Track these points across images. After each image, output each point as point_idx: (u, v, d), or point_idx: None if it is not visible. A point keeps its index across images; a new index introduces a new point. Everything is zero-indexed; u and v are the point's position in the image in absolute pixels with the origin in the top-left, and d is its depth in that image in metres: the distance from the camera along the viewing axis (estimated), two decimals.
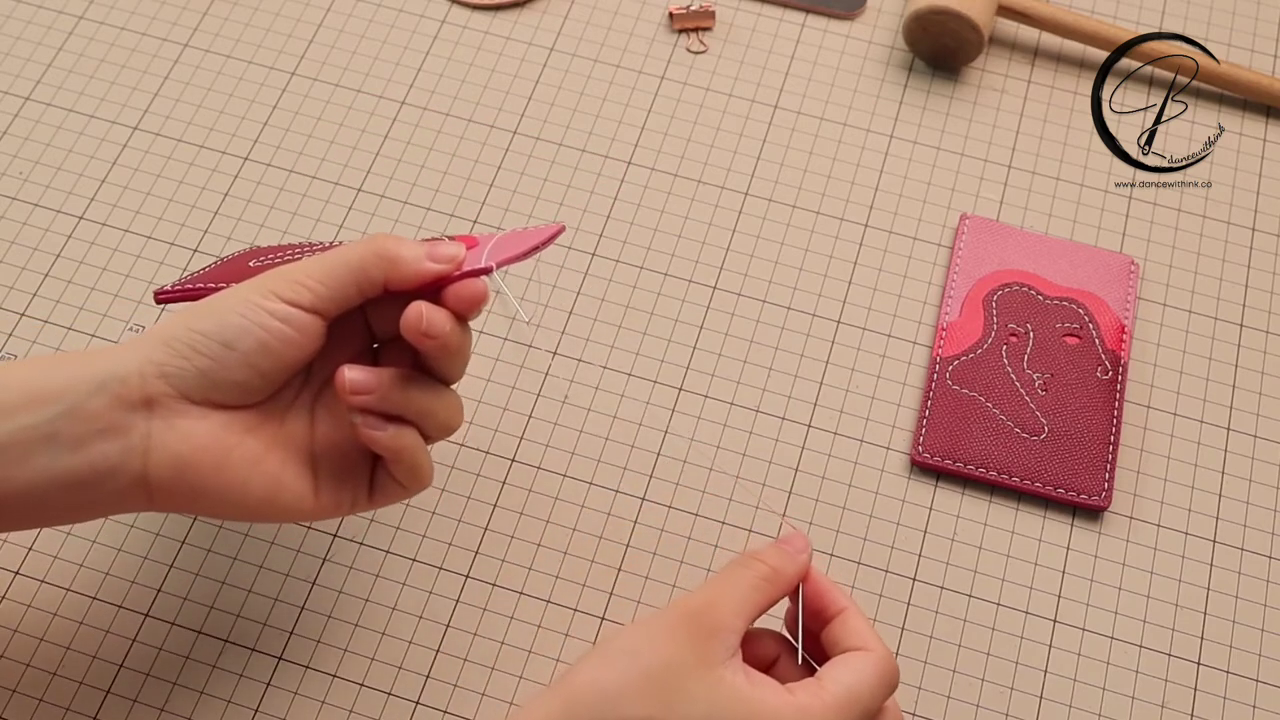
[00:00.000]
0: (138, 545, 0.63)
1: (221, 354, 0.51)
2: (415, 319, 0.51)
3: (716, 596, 0.51)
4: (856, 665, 0.51)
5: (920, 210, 0.75)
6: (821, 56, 0.80)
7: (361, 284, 0.52)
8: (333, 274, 0.52)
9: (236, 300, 0.52)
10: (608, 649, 0.50)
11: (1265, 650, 0.63)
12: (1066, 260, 0.72)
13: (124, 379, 0.51)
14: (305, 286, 0.52)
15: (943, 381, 0.68)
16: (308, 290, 0.52)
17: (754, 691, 0.49)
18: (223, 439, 0.52)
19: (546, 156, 0.75)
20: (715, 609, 0.51)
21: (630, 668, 0.49)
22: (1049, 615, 0.64)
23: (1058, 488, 0.66)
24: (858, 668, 0.51)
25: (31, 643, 0.61)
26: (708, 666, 0.49)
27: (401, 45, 0.79)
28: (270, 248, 0.64)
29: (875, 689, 0.51)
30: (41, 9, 0.80)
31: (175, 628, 0.62)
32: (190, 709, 0.60)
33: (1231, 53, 0.80)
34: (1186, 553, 0.65)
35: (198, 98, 0.77)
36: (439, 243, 0.53)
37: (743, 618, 0.51)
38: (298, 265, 0.53)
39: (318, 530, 0.64)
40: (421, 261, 0.52)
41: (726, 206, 0.74)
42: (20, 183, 0.74)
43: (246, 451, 0.52)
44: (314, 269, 0.52)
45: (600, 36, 0.80)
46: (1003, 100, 0.78)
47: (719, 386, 0.69)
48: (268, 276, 0.52)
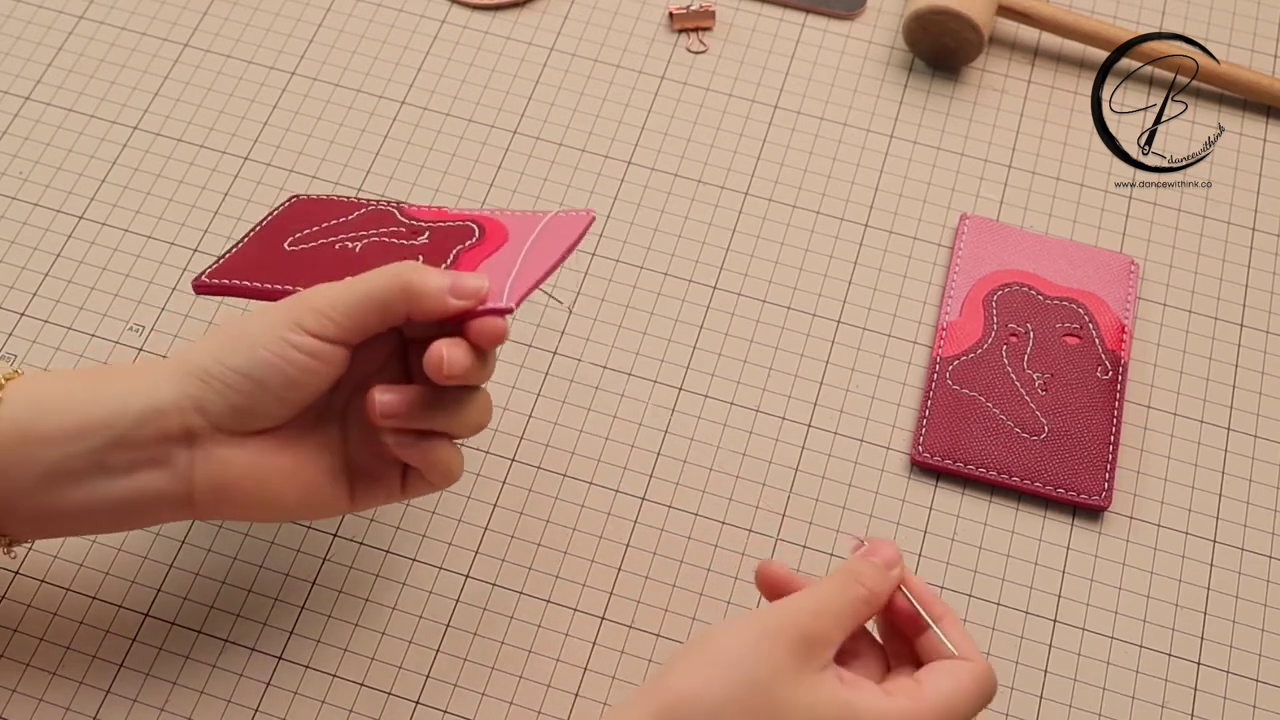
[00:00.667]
0: (138, 545, 0.63)
1: (253, 390, 0.53)
2: (436, 362, 0.52)
3: (822, 608, 0.50)
4: (958, 674, 0.51)
5: (920, 210, 0.75)
6: (821, 56, 0.80)
7: (385, 316, 0.53)
8: (357, 307, 0.52)
9: (265, 335, 0.52)
10: (706, 653, 0.49)
11: (1265, 650, 0.63)
12: (1066, 260, 0.72)
13: (164, 411, 0.53)
14: (330, 319, 0.52)
15: (943, 381, 0.68)
16: (332, 323, 0.52)
17: (853, 695, 0.49)
18: (260, 463, 0.54)
19: (546, 156, 0.75)
20: (820, 620, 0.50)
21: (733, 678, 0.48)
22: (1049, 615, 0.64)
23: (1058, 488, 0.66)
24: (959, 676, 0.51)
25: (31, 643, 0.61)
26: (808, 674, 0.49)
27: (401, 45, 0.79)
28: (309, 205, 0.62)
29: (973, 700, 0.50)
30: (41, 9, 0.80)
31: (175, 628, 0.62)
32: (190, 709, 0.60)
33: (1231, 53, 0.80)
34: (1186, 553, 0.65)
35: (198, 98, 0.77)
36: (463, 276, 0.53)
37: (843, 632, 0.51)
38: (323, 294, 0.53)
39: (317, 530, 0.64)
40: (444, 297, 0.52)
41: (726, 206, 0.74)
42: (20, 183, 0.74)
43: (283, 467, 0.54)
44: (339, 300, 0.53)
45: (600, 36, 0.80)
46: (1003, 100, 0.78)
47: (719, 386, 0.69)
48: (294, 305, 0.53)
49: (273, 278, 0.58)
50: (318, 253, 0.59)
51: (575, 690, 0.61)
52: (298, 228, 0.62)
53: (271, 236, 0.62)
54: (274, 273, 0.58)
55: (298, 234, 0.61)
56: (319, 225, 0.61)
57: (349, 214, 0.62)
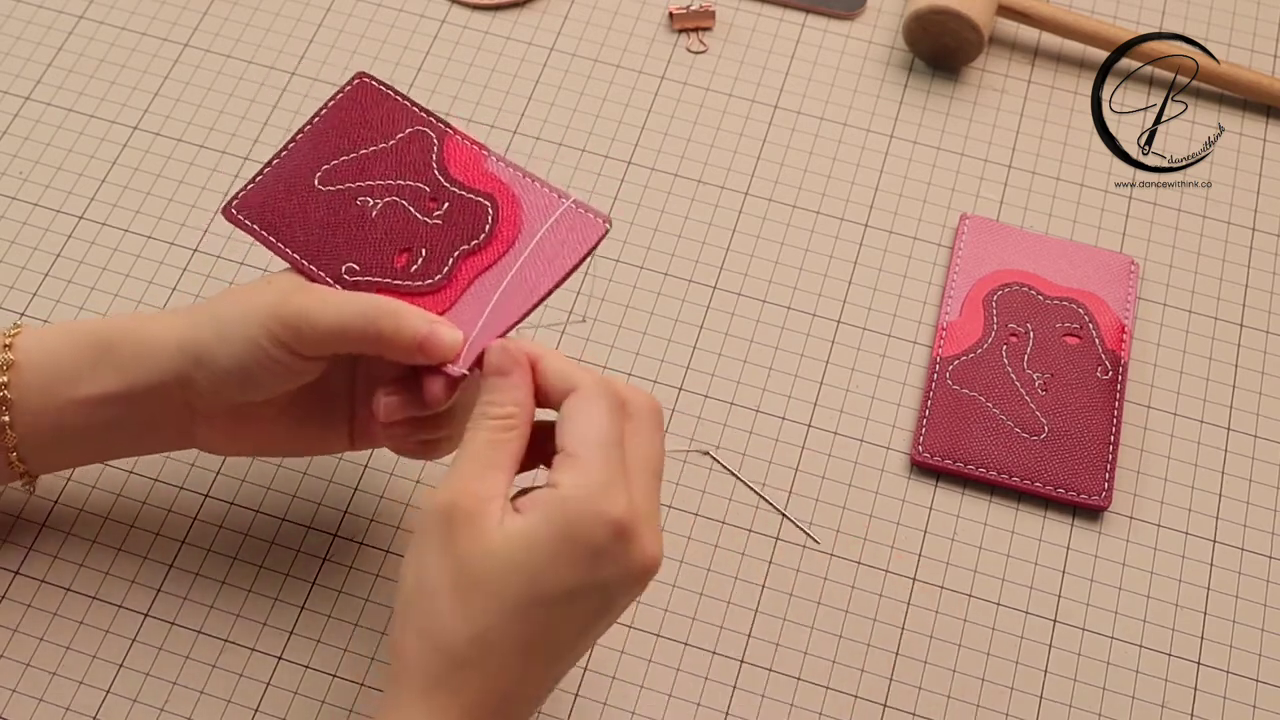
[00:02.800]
0: (138, 544, 0.63)
1: (242, 386, 0.54)
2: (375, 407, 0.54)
3: (461, 482, 0.49)
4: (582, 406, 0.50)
5: (920, 210, 0.75)
6: (821, 56, 0.80)
7: (357, 347, 0.53)
8: (327, 332, 0.52)
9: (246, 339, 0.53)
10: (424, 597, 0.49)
11: (1265, 650, 0.63)
12: (1066, 260, 0.72)
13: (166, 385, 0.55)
14: (304, 338, 0.53)
15: (943, 381, 0.68)
16: (306, 343, 0.53)
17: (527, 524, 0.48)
18: (262, 427, 0.57)
19: (546, 156, 0.75)
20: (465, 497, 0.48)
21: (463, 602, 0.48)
22: (1049, 615, 0.64)
23: (1058, 488, 0.66)
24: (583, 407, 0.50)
25: (31, 642, 0.61)
26: (488, 551, 0.48)
27: (401, 45, 0.79)
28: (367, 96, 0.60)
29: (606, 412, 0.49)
30: (41, 9, 0.80)
31: (175, 628, 0.62)
32: (190, 709, 0.60)
33: (1231, 53, 0.80)
34: (1186, 553, 0.65)
35: (198, 98, 0.77)
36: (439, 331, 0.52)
37: (498, 483, 0.49)
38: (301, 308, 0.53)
39: (317, 530, 0.64)
40: (413, 352, 0.52)
41: (726, 206, 0.74)
42: (20, 183, 0.74)
43: (288, 424, 0.58)
44: (318, 319, 0.52)
45: (600, 36, 0.80)
46: (1003, 100, 0.78)
47: (719, 386, 0.69)
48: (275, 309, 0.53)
49: (289, 236, 0.57)
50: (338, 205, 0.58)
51: (575, 690, 0.61)
52: (339, 148, 0.60)
53: (312, 152, 0.60)
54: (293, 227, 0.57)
55: (334, 162, 0.59)
56: (358, 151, 0.60)
57: (392, 136, 0.59)
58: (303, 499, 0.65)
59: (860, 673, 0.62)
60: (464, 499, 0.48)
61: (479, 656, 0.48)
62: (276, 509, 0.65)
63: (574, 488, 0.48)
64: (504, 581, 0.47)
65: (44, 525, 0.64)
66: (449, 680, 0.48)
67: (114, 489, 0.65)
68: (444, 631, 0.48)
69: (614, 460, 0.49)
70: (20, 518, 0.64)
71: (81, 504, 0.64)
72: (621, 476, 0.49)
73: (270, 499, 0.65)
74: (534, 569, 0.47)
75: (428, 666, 0.48)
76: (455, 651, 0.48)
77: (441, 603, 0.48)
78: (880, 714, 0.61)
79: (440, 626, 0.48)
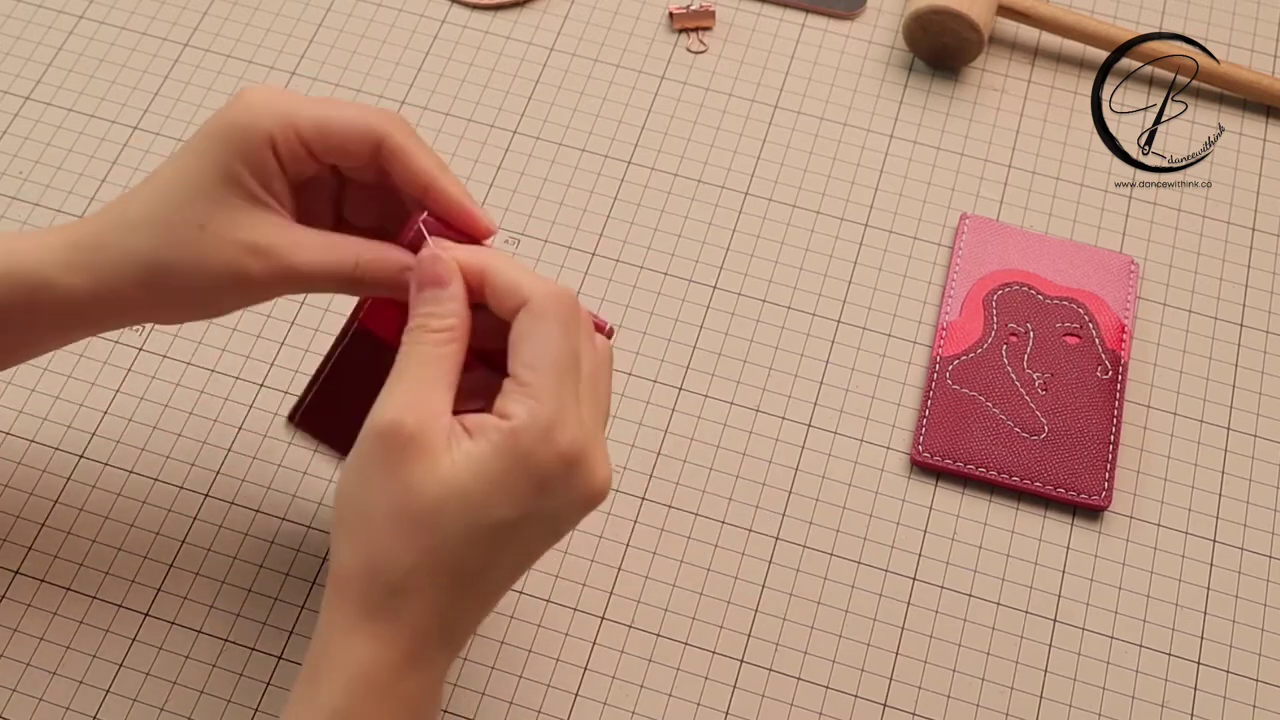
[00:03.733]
0: (138, 544, 0.63)
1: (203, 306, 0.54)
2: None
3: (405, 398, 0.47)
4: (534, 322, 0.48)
5: (920, 210, 0.75)
6: (821, 56, 0.80)
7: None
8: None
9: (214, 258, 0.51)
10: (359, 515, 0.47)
11: (1265, 650, 0.63)
12: (1066, 260, 0.72)
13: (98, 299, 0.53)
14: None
15: (943, 381, 0.68)
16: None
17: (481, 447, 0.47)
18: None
19: (546, 156, 0.75)
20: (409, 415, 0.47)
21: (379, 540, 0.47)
22: (1049, 615, 0.64)
23: (1058, 487, 0.66)
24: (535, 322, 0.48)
25: (32, 642, 0.61)
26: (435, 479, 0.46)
27: (401, 45, 0.79)
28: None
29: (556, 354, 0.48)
30: (41, 9, 0.80)
31: (175, 627, 0.62)
32: (190, 709, 0.60)
33: (1231, 53, 0.80)
34: (1186, 553, 0.65)
35: (197, 98, 0.77)
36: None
37: (442, 399, 0.47)
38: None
39: (317, 530, 0.64)
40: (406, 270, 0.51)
41: (726, 206, 0.74)
42: (20, 183, 0.74)
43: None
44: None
45: (600, 36, 0.80)
46: (1003, 100, 0.78)
47: (719, 386, 0.69)
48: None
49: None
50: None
51: (575, 690, 0.61)
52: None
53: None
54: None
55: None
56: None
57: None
58: (303, 499, 0.65)
59: (860, 673, 0.62)
60: (408, 417, 0.47)
61: (420, 585, 0.47)
62: (277, 509, 0.65)
63: (526, 419, 0.47)
64: (450, 513, 0.46)
65: (44, 525, 0.64)
66: (388, 606, 0.47)
67: (114, 489, 0.65)
68: (385, 559, 0.47)
69: (567, 386, 0.48)
70: (20, 518, 0.64)
71: (81, 504, 0.64)
72: (574, 403, 0.48)
73: (270, 499, 0.65)
74: (481, 500, 0.46)
75: (367, 594, 0.47)
76: (396, 580, 0.47)
77: (384, 530, 0.47)
78: (880, 714, 0.61)
79: (382, 554, 0.47)
